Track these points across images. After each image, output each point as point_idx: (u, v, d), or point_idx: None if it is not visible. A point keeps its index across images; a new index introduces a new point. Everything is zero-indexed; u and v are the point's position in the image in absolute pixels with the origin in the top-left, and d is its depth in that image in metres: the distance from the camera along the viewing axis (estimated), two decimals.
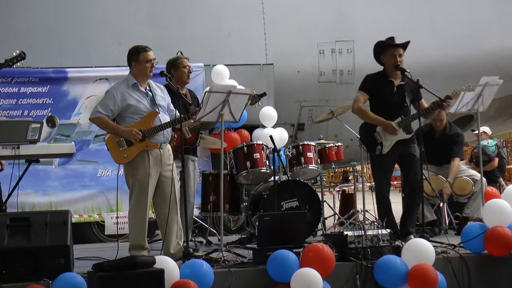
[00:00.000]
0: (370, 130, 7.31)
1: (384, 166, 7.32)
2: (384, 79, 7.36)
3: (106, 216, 9.02)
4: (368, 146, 7.40)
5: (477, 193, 8.18)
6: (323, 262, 6.08)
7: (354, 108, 7.38)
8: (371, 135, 7.29)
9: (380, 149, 7.26)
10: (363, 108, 7.35)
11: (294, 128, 10.58)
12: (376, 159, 7.33)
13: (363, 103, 7.34)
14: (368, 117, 7.34)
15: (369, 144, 7.36)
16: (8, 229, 5.78)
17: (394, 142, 7.26)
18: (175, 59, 7.58)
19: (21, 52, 6.89)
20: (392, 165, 7.40)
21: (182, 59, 7.54)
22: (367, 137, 7.36)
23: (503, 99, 10.88)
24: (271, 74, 9.98)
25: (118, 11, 9.92)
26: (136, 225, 6.47)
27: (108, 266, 5.56)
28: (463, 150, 8.79)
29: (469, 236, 6.75)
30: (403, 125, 7.27)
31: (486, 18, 11.01)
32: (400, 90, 7.32)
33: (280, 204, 7.66)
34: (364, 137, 7.45)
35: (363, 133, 7.46)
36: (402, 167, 7.44)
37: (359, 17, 10.57)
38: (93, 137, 9.14)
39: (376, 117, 7.28)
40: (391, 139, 7.26)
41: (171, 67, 7.49)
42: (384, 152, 7.24)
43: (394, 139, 7.26)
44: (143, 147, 6.43)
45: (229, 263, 6.24)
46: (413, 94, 7.35)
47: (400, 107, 7.30)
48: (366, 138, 7.40)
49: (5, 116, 8.59)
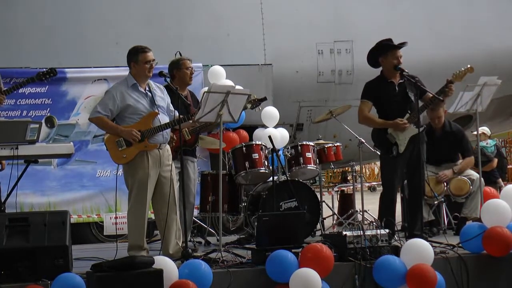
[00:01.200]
0: (382, 133, 7.29)
1: (397, 167, 7.28)
2: (385, 81, 7.36)
3: (105, 216, 9.02)
4: (383, 149, 7.35)
5: (474, 193, 8.17)
6: (322, 262, 6.08)
7: (360, 119, 7.37)
8: (384, 138, 7.27)
9: (397, 149, 7.25)
10: (370, 116, 7.34)
11: (293, 128, 10.58)
12: (390, 161, 7.29)
13: (368, 112, 7.33)
14: (375, 123, 7.33)
15: (384, 146, 7.32)
16: (7, 229, 5.79)
17: (408, 139, 7.25)
18: (178, 60, 7.55)
19: (52, 69, 7.18)
20: (404, 165, 7.36)
21: (185, 60, 7.52)
22: (381, 141, 7.34)
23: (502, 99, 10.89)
24: (269, 74, 9.97)
25: (117, 11, 9.91)
26: (135, 226, 6.47)
27: (107, 267, 5.56)
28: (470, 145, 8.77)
29: (468, 236, 6.76)
30: (412, 120, 7.26)
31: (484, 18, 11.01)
32: (401, 88, 7.34)
33: (279, 204, 7.65)
34: (378, 141, 7.43)
35: (376, 137, 7.42)
36: (408, 168, 7.38)
37: (357, 17, 10.56)
38: (91, 137, 9.14)
39: (383, 121, 7.27)
40: (404, 136, 7.25)
41: (174, 68, 7.47)
42: (401, 151, 7.22)
43: (407, 135, 7.24)
44: (142, 147, 6.43)
45: (228, 263, 6.24)
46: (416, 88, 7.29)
47: (406, 104, 7.30)
48: (380, 142, 7.37)
49: (4, 116, 8.58)
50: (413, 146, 7.25)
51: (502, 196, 7.17)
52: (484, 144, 11.73)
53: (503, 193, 7.25)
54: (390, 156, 7.27)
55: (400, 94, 7.31)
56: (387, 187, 7.35)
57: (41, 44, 9.44)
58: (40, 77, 7.12)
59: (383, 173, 7.51)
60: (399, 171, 7.31)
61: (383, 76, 7.39)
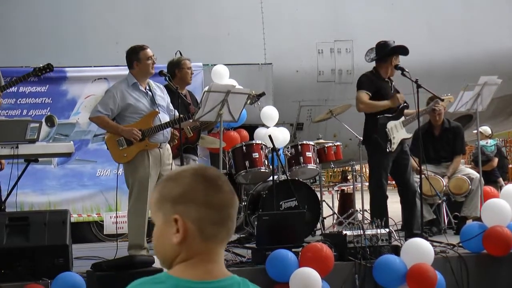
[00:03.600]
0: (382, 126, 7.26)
1: (387, 164, 7.30)
2: (381, 79, 7.38)
3: (105, 215, 9.00)
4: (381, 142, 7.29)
5: (474, 191, 8.18)
6: (322, 262, 6.08)
7: (362, 106, 7.31)
8: (384, 131, 7.26)
9: (390, 146, 7.26)
10: (370, 102, 7.29)
11: (293, 128, 10.57)
12: (381, 157, 7.30)
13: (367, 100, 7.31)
14: (376, 106, 7.28)
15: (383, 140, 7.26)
16: (7, 228, 5.79)
17: (400, 140, 7.27)
18: (179, 60, 7.57)
19: (49, 64, 7.08)
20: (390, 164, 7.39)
21: (185, 60, 7.54)
22: (381, 133, 7.29)
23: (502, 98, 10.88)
24: (269, 73, 9.97)
25: (116, 11, 9.91)
26: (135, 225, 6.47)
27: (107, 266, 5.56)
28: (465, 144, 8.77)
29: (468, 235, 6.76)
30: (406, 124, 7.29)
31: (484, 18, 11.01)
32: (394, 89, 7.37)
33: (279, 204, 7.66)
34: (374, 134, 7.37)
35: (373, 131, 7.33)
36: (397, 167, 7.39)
37: (358, 17, 10.56)
38: (92, 136, 9.12)
39: (383, 103, 7.26)
40: (398, 136, 7.27)
41: (175, 68, 7.48)
42: (393, 149, 7.24)
43: (400, 137, 7.27)
44: (142, 146, 6.43)
45: (227, 263, 6.24)
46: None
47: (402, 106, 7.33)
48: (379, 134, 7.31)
49: (4, 115, 8.58)
50: (400, 147, 7.30)
51: (502, 196, 7.17)
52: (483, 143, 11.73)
53: (503, 192, 7.26)
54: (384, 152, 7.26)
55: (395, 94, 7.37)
56: (379, 183, 7.34)
57: (41, 44, 9.43)
58: (37, 73, 7.08)
59: (372, 170, 7.49)
60: (388, 169, 7.33)
61: (378, 73, 7.40)
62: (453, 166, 8.35)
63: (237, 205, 2.02)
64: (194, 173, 1.99)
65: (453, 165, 8.35)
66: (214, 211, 1.95)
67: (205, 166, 2.04)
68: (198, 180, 1.97)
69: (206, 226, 1.95)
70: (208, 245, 1.96)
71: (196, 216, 1.94)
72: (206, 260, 1.96)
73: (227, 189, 2.00)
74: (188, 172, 1.99)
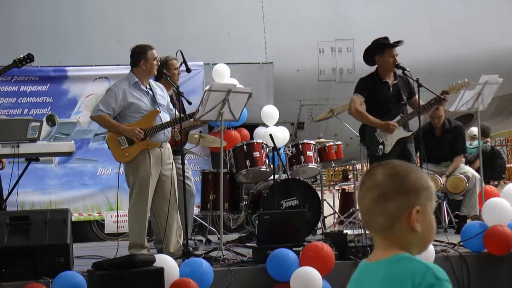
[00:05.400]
0: (371, 131, 7.31)
1: None
2: (379, 80, 7.37)
3: (106, 214, 9.01)
4: (370, 147, 7.38)
5: (471, 190, 8.17)
6: (323, 261, 6.08)
7: (351, 110, 7.38)
8: (373, 136, 7.29)
9: (382, 149, 7.26)
10: (360, 110, 7.34)
11: (293, 127, 10.56)
12: (376, 159, 7.31)
13: (359, 105, 7.34)
14: (365, 118, 7.35)
15: (371, 144, 7.34)
16: (8, 227, 5.79)
17: (395, 141, 7.26)
18: (166, 60, 7.34)
19: (29, 54, 6.96)
20: None
21: (172, 61, 7.37)
22: (369, 138, 7.35)
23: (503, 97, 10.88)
24: (270, 72, 9.96)
25: (118, 10, 9.90)
26: (136, 224, 6.48)
27: (107, 265, 5.56)
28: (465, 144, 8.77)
29: (469, 234, 6.76)
30: (402, 123, 7.28)
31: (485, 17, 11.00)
32: (395, 89, 7.35)
33: (280, 203, 7.66)
34: (365, 138, 7.44)
35: (364, 134, 7.45)
36: None
37: (359, 15, 10.55)
38: (93, 135, 9.13)
39: (373, 120, 7.28)
40: (392, 138, 7.26)
41: (163, 67, 7.39)
42: (386, 152, 7.24)
43: (395, 137, 7.26)
44: (144, 146, 6.43)
45: (228, 262, 6.25)
46: (407, 90, 7.37)
47: (399, 106, 7.32)
48: (368, 139, 7.39)
49: (5, 114, 8.58)
50: (402, 146, 7.28)
51: (503, 195, 7.17)
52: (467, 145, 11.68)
53: (504, 192, 7.27)
54: (376, 154, 7.28)
55: (393, 94, 7.33)
56: None
57: (42, 43, 9.42)
58: (17, 64, 6.98)
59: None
60: None
61: (378, 75, 7.40)
62: (453, 166, 8.35)
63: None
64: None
65: (453, 165, 8.36)
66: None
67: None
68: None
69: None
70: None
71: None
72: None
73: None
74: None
